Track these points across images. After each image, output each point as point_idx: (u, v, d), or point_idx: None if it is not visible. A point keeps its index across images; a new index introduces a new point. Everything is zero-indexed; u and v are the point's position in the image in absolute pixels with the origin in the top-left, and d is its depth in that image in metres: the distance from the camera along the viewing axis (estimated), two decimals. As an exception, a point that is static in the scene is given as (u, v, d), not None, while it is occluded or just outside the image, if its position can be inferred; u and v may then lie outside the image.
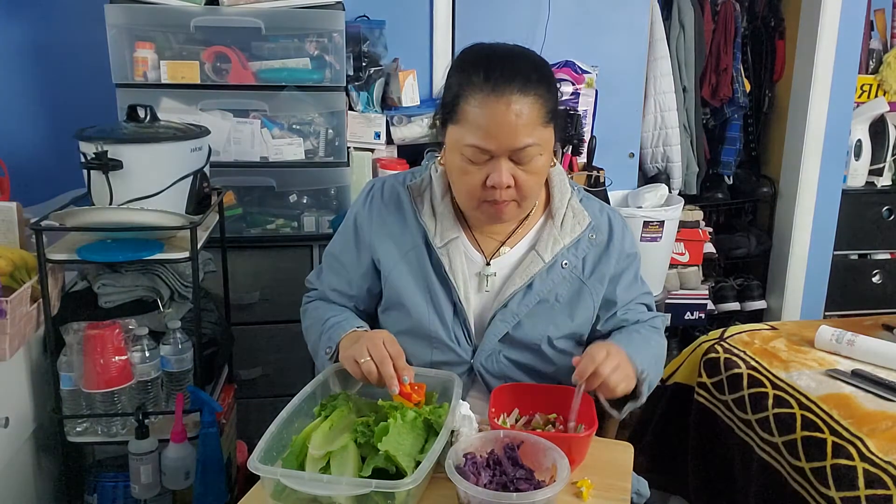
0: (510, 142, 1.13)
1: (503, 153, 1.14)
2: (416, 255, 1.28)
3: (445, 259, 1.26)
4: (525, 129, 1.12)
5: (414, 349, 1.27)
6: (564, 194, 1.32)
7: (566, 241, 1.27)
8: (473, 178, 1.17)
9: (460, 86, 1.16)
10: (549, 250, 1.27)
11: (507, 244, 1.30)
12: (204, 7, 2.00)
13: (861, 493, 1.32)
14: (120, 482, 1.69)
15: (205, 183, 1.73)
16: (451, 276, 1.25)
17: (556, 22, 2.55)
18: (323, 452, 0.98)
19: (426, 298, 1.27)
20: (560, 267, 1.27)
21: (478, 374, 1.28)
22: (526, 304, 1.26)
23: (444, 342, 1.27)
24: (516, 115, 1.11)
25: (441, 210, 1.28)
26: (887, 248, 3.20)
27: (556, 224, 1.29)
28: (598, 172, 2.47)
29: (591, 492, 1.02)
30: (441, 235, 1.27)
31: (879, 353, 1.69)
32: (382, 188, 1.35)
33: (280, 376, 2.23)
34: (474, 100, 1.13)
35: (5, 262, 1.53)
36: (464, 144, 1.15)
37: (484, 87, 1.12)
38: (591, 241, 1.30)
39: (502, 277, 1.28)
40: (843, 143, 3.03)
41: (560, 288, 1.28)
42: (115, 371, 1.55)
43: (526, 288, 1.26)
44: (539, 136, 1.15)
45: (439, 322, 1.26)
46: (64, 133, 1.83)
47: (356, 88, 2.23)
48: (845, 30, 2.86)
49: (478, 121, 1.13)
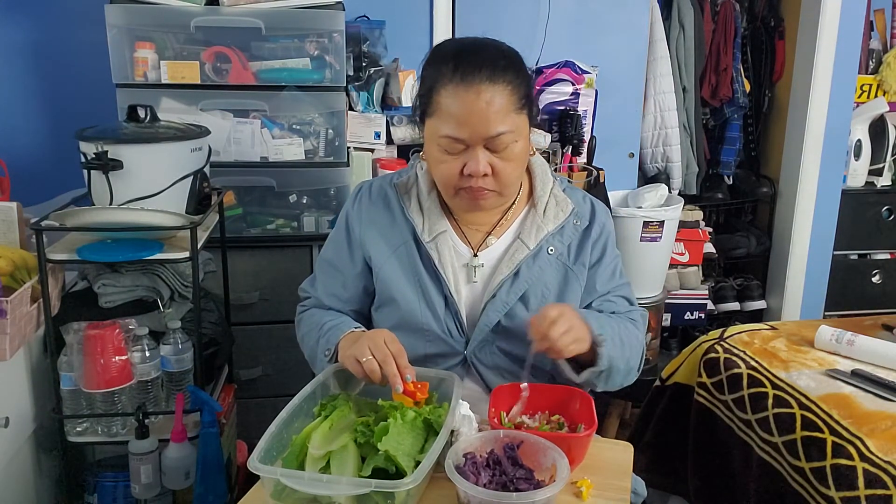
0: (483, 130, 1.15)
1: (477, 142, 1.16)
2: (405, 250, 1.30)
3: (434, 253, 1.28)
4: (497, 116, 1.14)
5: (408, 343, 1.27)
6: (546, 183, 1.34)
7: (549, 227, 1.30)
8: (451, 167, 1.19)
9: (432, 79, 1.18)
10: (533, 237, 1.29)
11: (494, 235, 1.32)
12: (204, 7, 2.00)
13: (861, 493, 1.32)
14: (120, 482, 1.69)
15: (205, 183, 1.73)
16: (441, 269, 1.27)
17: (556, 22, 2.55)
18: (323, 452, 0.98)
19: (417, 293, 1.28)
20: (546, 253, 1.29)
21: (472, 364, 1.29)
22: (515, 293, 1.27)
23: (437, 335, 1.28)
24: (487, 103, 1.13)
25: (428, 205, 1.31)
26: (887, 248, 3.20)
27: (538, 212, 1.31)
28: (598, 172, 2.47)
29: (591, 491, 1.02)
30: (429, 230, 1.29)
31: (879, 353, 1.69)
32: (370, 189, 1.37)
33: (280, 376, 2.24)
34: (445, 91, 1.16)
35: (5, 262, 1.54)
36: (439, 136, 1.18)
37: (454, 78, 1.15)
38: (576, 226, 1.32)
39: (490, 268, 1.30)
40: (842, 143, 3.03)
41: (547, 275, 1.29)
42: (115, 371, 1.56)
43: (513, 276, 1.27)
44: (512, 123, 1.17)
45: (431, 315, 1.28)
46: (64, 133, 1.83)
47: (356, 88, 2.23)
48: (845, 30, 2.86)
49: (450, 111, 1.15)
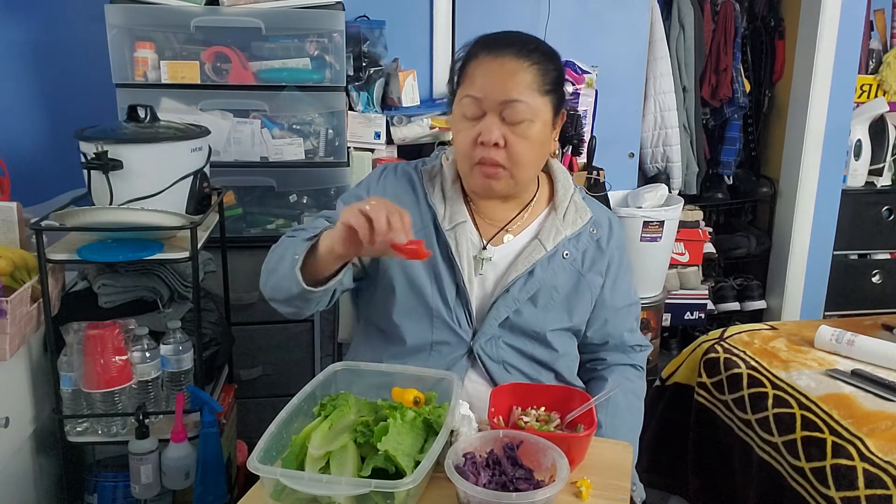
0: (499, 93, 1.18)
1: (493, 106, 1.19)
2: (424, 234, 1.30)
3: (452, 241, 1.29)
4: (515, 85, 1.19)
5: (415, 327, 1.29)
6: (568, 189, 1.37)
7: (568, 231, 1.32)
8: (467, 134, 1.22)
9: (466, 55, 1.25)
10: (551, 239, 1.31)
11: (511, 232, 1.33)
12: (204, 7, 2.00)
13: (861, 493, 1.32)
14: (120, 482, 1.69)
15: (205, 183, 1.73)
16: (457, 258, 1.28)
17: (556, 22, 2.55)
18: (322, 452, 0.98)
19: (431, 277, 1.29)
20: (561, 257, 1.31)
21: (477, 357, 1.30)
22: (527, 291, 1.29)
23: (446, 321, 1.29)
24: (509, 73, 1.19)
25: (450, 195, 1.32)
26: (887, 248, 3.21)
27: (559, 216, 1.33)
28: (598, 172, 2.47)
29: (591, 492, 1.02)
30: (450, 218, 1.30)
31: (879, 353, 1.69)
32: (395, 169, 1.39)
33: (280, 376, 2.23)
34: (475, 61, 1.22)
35: (5, 262, 1.53)
36: (460, 99, 1.23)
37: (483, 50, 1.22)
38: (592, 235, 1.34)
39: (506, 264, 1.31)
40: (842, 143, 3.03)
41: (559, 279, 1.31)
42: (115, 371, 1.56)
43: (527, 274, 1.29)
44: (531, 100, 1.20)
45: (441, 301, 1.29)
46: (64, 133, 1.83)
47: (356, 88, 2.23)
48: (845, 30, 2.86)
49: (474, 75, 1.22)
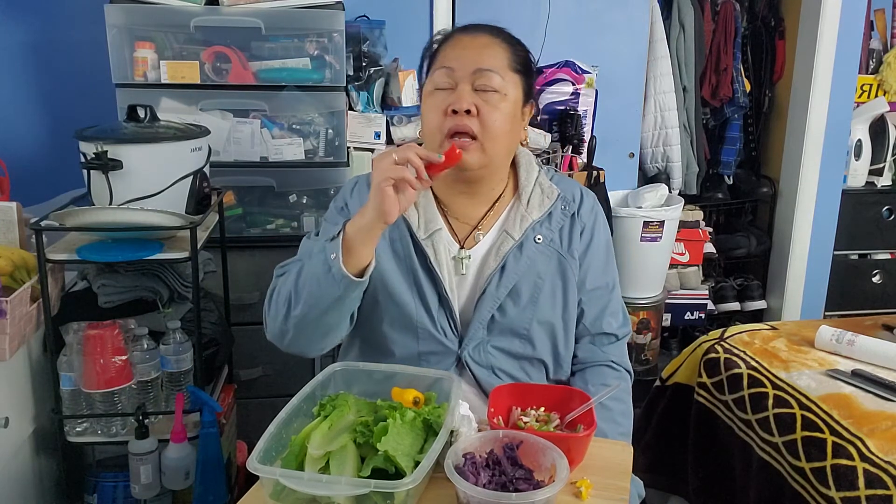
0: (473, 61, 1.20)
1: (465, 76, 1.20)
2: (402, 245, 1.28)
3: (430, 250, 1.26)
4: (490, 56, 1.21)
5: (401, 340, 1.28)
6: (531, 173, 1.34)
7: (535, 215, 1.29)
8: (438, 106, 1.21)
9: (437, 41, 1.27)
10: (517, 228, 1.28)
11: (481, 230, 1.31)
12: (204, 7, 2.00)
13: (861, 493, 1.32)
14: (120, 482, 1.69)
15: (205, 183, 1.73)
16: (437, 267, 1.26)
17: (556, 22, 2.55)
18: (322, 452, 0.98)
19: (412, 289, 1.27)
20: (533, 242, 1.28)
21: (465, 364, 1.28)
22: (504, 286, 1.26)
23: (430, 332, 1.27)
24: (483, 45, 1.22)
25: (423, 201, 1.30)
26: (887, 248, 3.21)
27: (522, 202, 1.31)
28: (598, 172, 2.46)
29: (591, 492, 1.02)
30: (425, 227, 1.28)
31: (879, 353, 1.69)
32: (367, 180, 1.35)
33: (280, 376, 2.23)
34: (449, 42, 1.25)
35: (5, 262, 1.54)
36: (432, 74, 1.23)
37: (457, 32, 1.26)
38: (565, 212, 1.32)
39: (479, 263, 1.29)
40: (843, 143, 3.03)
41: (540, 266, 1.28)
42: (114, 371, 1.56)
43: (500, 270, 1.26)
44: (503, 73, 1.21)
45: (425, 313, 1.26)
46: (64, 133, 1.83)
47: (356, 88, 2.23)
48: (845, 30, 2.86)
49: (446, 52, 1.24)
